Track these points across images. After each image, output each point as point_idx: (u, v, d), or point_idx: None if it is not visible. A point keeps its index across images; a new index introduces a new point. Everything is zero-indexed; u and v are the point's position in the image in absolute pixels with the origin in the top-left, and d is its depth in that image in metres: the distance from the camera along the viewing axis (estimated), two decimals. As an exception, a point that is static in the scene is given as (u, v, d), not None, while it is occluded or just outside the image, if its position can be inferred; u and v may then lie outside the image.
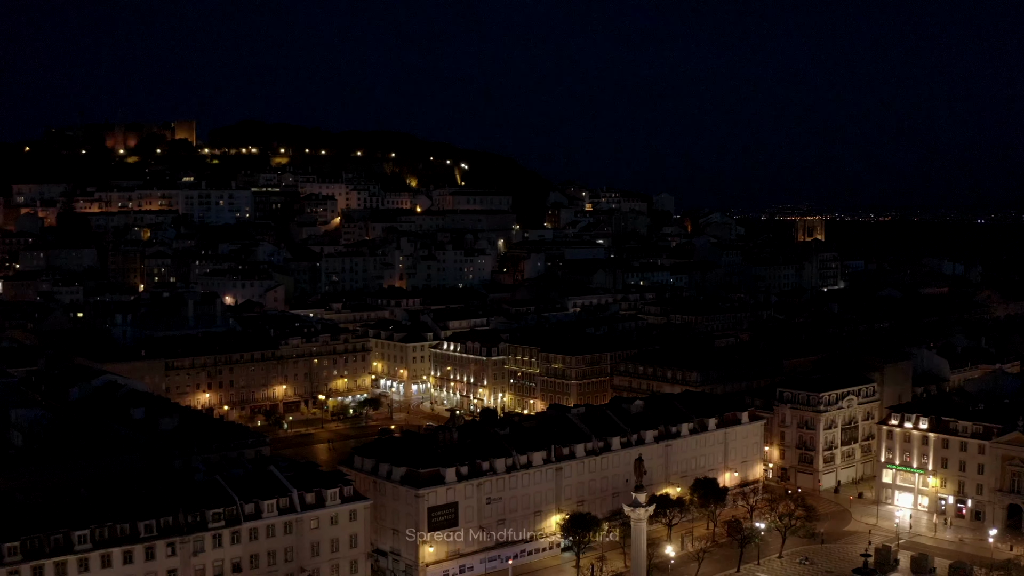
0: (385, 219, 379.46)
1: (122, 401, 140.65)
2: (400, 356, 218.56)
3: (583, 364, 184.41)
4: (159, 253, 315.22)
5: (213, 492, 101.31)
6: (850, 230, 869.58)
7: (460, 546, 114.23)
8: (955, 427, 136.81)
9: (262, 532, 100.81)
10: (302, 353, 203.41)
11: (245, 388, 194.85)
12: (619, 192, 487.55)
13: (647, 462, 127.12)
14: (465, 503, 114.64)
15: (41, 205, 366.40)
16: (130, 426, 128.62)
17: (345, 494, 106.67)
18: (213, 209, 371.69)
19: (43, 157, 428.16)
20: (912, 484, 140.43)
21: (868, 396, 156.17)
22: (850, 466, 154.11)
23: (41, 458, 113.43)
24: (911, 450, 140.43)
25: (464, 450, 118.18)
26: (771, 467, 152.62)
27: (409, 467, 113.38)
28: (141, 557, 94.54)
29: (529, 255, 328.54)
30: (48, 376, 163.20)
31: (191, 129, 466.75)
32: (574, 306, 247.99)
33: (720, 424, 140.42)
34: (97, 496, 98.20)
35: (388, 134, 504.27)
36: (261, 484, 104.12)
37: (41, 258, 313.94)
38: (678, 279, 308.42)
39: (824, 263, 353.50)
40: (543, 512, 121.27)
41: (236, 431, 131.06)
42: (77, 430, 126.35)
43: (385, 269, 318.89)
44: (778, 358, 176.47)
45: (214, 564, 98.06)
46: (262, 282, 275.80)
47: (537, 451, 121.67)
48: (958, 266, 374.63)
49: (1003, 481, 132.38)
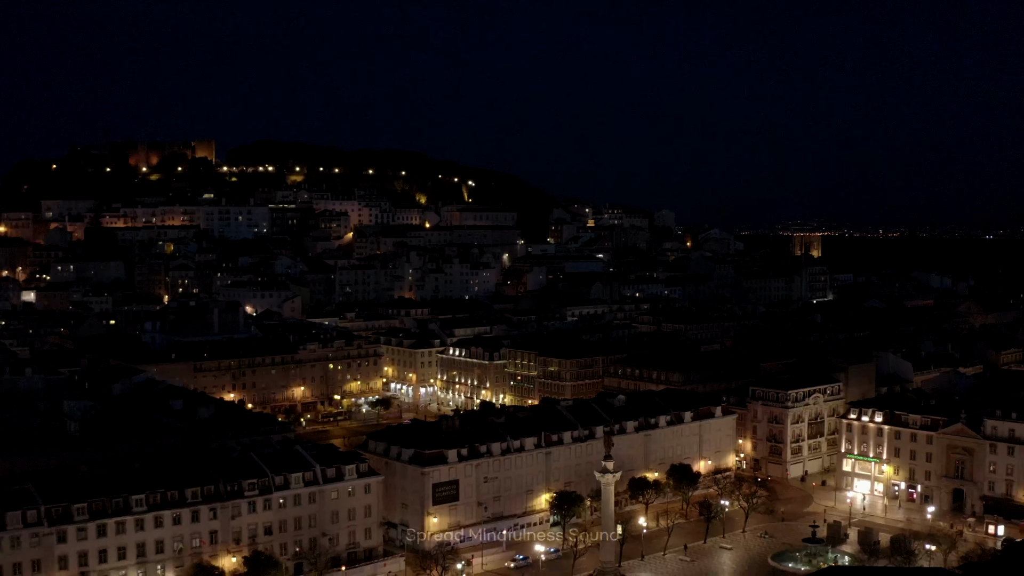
0: (395, 234, 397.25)
1: (161, 395, 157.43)
2: (409, 361, 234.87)
3: (576, 367, 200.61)
4: (182, 266, 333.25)
5: (248, 466, 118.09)
6: (849, 245, 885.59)
7: (461, 518, 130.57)
8: (906, 420, 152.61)
9: (289, 501, 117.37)
10: (318, 358, 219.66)
11: (266, 389, 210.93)
12: (622, 208, 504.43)
13: (629, 450, 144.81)
14: (465, 481, 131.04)
15: (69, 220, 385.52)
16: (170, 416, 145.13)
17: (361, 470, 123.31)
18: (232, 224, 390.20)
19: (70, 174, 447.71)
20: (869, 472, 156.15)
21: (833, 394, 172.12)
22: (817, 457, 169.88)
23: (97, 440, 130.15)
24: (868, 441, 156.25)
25: (465, 435, 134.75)
26: (744, 457, 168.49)
27: (416, 449, 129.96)
28: (187, 519, 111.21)
29: (531, 268, 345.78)
30: (91, 374, 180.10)
31: (211, 148, 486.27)
32: (572, 316, 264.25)
33: (695, 417, 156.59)
34: (149, 469, 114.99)
35: (398, 153, 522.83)
36: (288, 460, 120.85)
37: (71, 270, 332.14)
38: (672, 291, 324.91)
39: (814, 276, 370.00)
40: (534, 490, 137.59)
41: (265, 419, 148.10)
42: (124, 418, 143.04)
43: (395, 281, 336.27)
44: (755, 361, 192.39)
45: (248, 527, 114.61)
46: (280, 293, 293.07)
47: (529, 437, 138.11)
48: (945, 279, 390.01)
49: (948, 468, 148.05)
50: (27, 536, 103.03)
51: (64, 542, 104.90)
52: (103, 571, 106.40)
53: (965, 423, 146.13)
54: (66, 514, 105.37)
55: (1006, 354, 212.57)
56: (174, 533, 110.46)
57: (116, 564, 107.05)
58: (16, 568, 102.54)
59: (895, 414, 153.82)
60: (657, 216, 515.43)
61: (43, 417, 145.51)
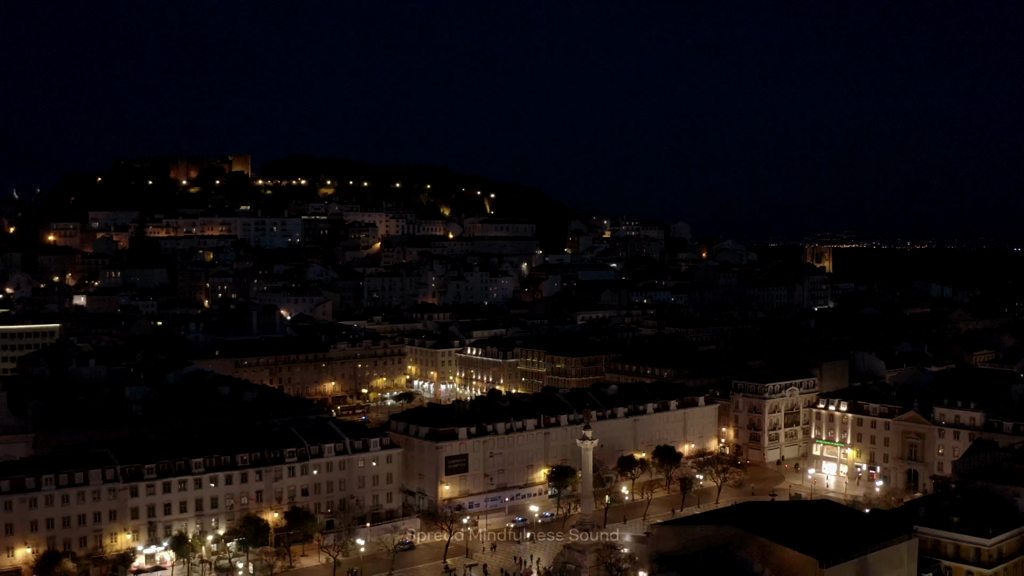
0: (420, 244, 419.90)
1: (210, 383, 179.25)
2: (431, 360, 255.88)
3: (580, 364, 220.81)
4: (221, 273, 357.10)
5: (288, 438, 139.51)
6: (865, 257, 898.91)
7: (469, 487, 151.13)
8: (867, 409, 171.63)
9: (323, 467, 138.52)
10: (348, 356, 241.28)
11: (300, 384, 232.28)
12: (638, 220, 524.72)
13: (619, 433, 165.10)
14: (473, 455, 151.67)
15: (115, 230, 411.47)
16: (219, 400, 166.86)
17: (384, 443, 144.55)
18: (268, 235, 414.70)
19: (114, 186, 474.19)
20: (835, 455, 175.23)
21: (808, 388, 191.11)
22: (793, 444, 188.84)
23: (157, 417, 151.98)
24: (835, 428, 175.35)
25: (474, 416, 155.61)
26: (727, 443, 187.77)
27: (431, 427, 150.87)
28: (238, 480, 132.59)
29: (547, 276, 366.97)
30: (146, 367, 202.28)
31: (247, 162, 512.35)
32: (582, 319, 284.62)
33: (680, 406, 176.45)
34: (205, 439, 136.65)
35: (424, 167, 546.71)
36: (322, 434, 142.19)
37: (118, 276, 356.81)
38: (679, 298, 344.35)
39: (815, 285, 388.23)
40: (534, 465, 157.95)
41: (301, 403, 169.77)
42: (179, 401, 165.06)
43: (419, 288, 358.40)
44: (743, 359, 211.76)
45: (288, 488, 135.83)
46: (312, 298, 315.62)
47: (530, 419, 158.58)
48: (946, 289, 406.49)
49: (903, 451, 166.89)
50: (106, 491, 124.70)
51: (136, 496, 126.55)
52: (167, 522, 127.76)
53: (918, 411, 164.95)
54: (137, 473, 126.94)
55: (978, 355, 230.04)
56: (226, 491, 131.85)
57: (178, 516, 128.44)
58: (96, 516, 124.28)
59: (858, 403, 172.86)
60: (673, 228, 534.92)
61: (107, 401, 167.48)
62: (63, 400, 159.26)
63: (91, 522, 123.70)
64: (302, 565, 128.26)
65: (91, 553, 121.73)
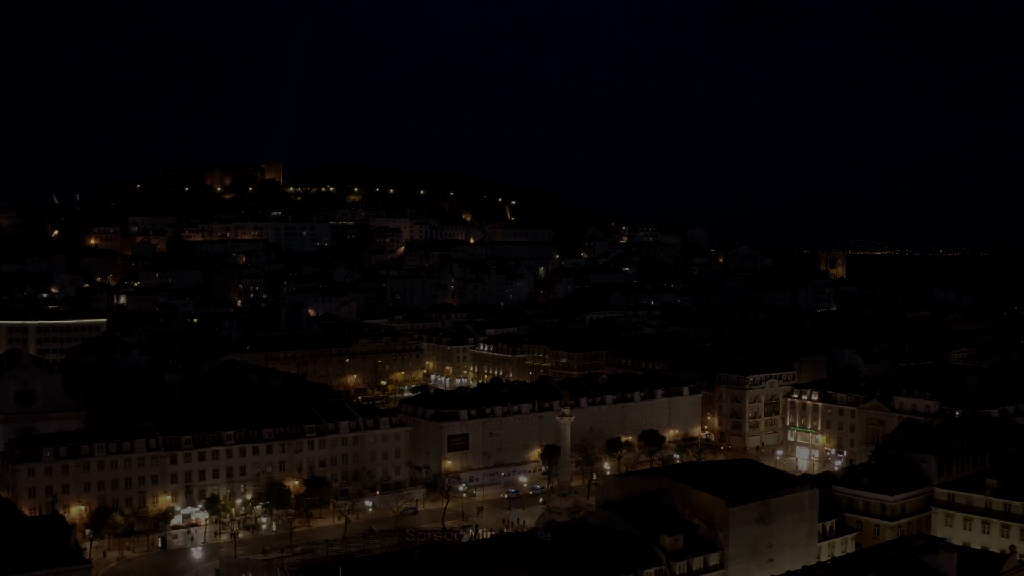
0: (442, 248, 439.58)
1: (240, 371, 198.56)
2: (446, 356, 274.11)
3: (583, 358, 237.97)
4: (253, 275, 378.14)
5: (308, 415, 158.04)
6: (881, 264, 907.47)
7: (470, 463, 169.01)
8: (835, 398, 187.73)
9: (338, 442, 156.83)
10: (369, 351, 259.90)
11: (324, 376, 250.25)
12: (655, 226, 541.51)
13: (608, 417, 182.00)
14: (474, 434, 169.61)
15: (153, 234, 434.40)
16: (248, 386, 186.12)
17: (393, 422, 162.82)
18: (297, 239, 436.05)
19: (152, 193, 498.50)
20: (808, 440, 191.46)
21: (788, 380, 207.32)
22: (772, 432, 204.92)
23: (194, 399, 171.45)
24: (807, 415, 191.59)
25: (475, 400, 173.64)
26: (711, 431, 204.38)
27: (436, 409, 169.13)
28: (264, 451, 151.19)
29: (561, 279, 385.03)
30: (183, 358, 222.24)
31: (278, 170, 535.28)
32: (590, 319, 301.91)
33: (666, 394, 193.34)
34: (236, 415, 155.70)
35: (447, 175, 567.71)
36: (338, 412, 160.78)
37: (156, 277, 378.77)
38: (685, 300, 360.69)
39: (819, 288, 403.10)
40: (529, 445, 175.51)
41: (322, 388, 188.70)
42: (212, 386, 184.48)
43: (439, 289, 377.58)
44: (732, 355, 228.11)
45: (308, 459, 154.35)
46: (338, 298, 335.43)
47: (526, 403, 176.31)
48: (950, 293, 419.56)
49: (867, 436, 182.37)
50: (148, 458, 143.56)
51: (175, 463, 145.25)
52: (202, 486, 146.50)
53: (879, 400, 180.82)
54: (176, 443, 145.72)
55: (956, 352, 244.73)
56: (254, 461, 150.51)
57: (211, 481, 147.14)
58: (140, 480, 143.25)
59: (827, 393, 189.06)
60: (690, 234, 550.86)
61: (149, 386, 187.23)
62: (109, 385, 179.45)
63: (136, 484, 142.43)
64: (319, 525, 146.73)
65: (136, 511, 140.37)
